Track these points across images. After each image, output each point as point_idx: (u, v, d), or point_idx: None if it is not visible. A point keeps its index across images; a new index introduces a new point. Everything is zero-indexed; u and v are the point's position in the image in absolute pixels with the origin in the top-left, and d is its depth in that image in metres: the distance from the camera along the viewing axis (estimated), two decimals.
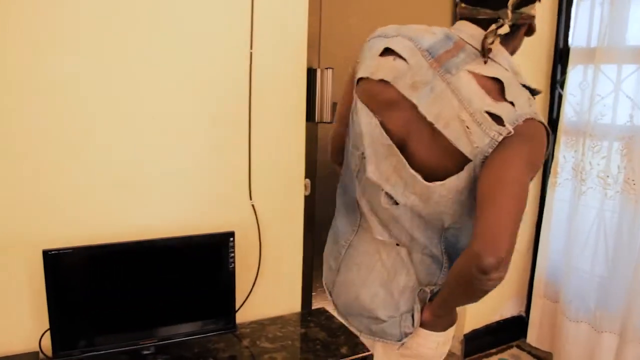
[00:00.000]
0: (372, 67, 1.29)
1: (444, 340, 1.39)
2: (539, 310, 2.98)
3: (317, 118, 2.18)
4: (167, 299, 1.88)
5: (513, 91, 1.18)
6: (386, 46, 1.28)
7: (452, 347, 3.03)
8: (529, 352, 3.06)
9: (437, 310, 1.33)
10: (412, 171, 1.25)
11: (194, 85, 1.90)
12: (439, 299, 1.32)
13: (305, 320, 2.25)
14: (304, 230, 2.26)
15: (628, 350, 2.52)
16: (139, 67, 1.79)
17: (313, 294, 2.49)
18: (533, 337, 3.03)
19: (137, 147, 1.84)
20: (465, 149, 1.17)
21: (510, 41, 1.28)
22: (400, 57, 1.25)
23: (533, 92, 1.24)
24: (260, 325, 2.17)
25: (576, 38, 2.74)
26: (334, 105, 2.20)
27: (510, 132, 1.13)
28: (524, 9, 1.25)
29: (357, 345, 2.03)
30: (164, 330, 1.87)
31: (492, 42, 1.19)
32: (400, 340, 1.36)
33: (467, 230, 1.27)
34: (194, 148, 1.95)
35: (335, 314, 1.75)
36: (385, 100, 1.27)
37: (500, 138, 1.14)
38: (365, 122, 1.31)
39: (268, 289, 2.22)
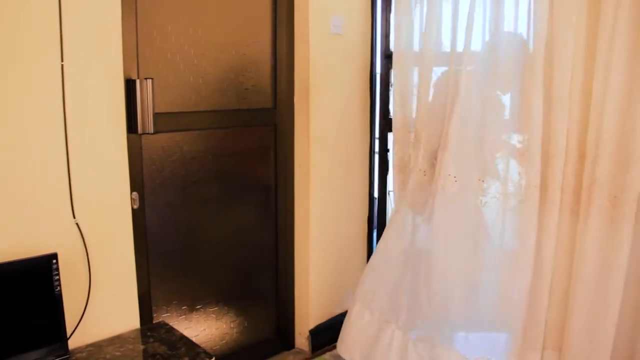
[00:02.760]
0: None
1: None
2: None
3: (139, 130, 2.14)
4: None
5: None
6: None
7: (300, 344, 3.12)
8: None
9: None
10: None
11: (1, 101, 1.79)
12: None
13: (145, 336, 2.20)
14: (135, 244, 2.21)
15: None
16: None
17: (153, 307, 2.45)
18: None
19: None
20: None
21: None
22: None
23: None
24: (98, 348, 2.08)
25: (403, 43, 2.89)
26: (157, 115, 2.18)
27: None
28: None
29: (198, 355, 2.03)
30: None
31: None
32: None
33: None
34: (5, 171, 1.82)
35: None
36: None
37: None
38: None
39: (103, 309, 2.14)
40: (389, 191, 3.24)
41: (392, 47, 2.92)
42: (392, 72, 2.86)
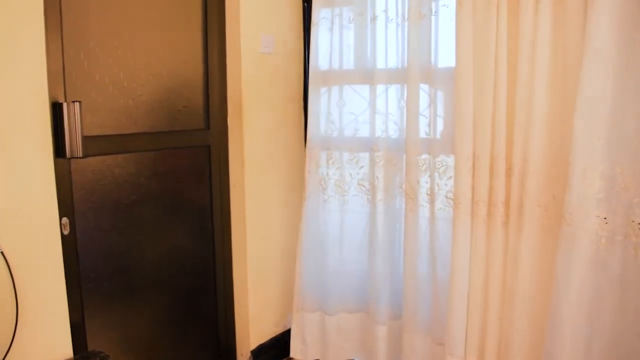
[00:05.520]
0: None
1: None
2: None
3: (68, 154, 2.10)
4: None
5: None
6: None
7: None
8: None
9: None
10: None
11: None
12: None
13: None
14: (66, 270, 2.15)
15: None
16: None
17: (88, 335, 2.38)
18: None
19: None
20: None
21: None
22: None
23: None
24: None
25: (321, 61, 3.00)
26: (86, 139, 2.15)
27: None
28: None
29: None
30: None
31: None
32: None
33: None
34: None
35: None
36: None
37: None
38: None
39: (32, 339, 2.06)
40: None
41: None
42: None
